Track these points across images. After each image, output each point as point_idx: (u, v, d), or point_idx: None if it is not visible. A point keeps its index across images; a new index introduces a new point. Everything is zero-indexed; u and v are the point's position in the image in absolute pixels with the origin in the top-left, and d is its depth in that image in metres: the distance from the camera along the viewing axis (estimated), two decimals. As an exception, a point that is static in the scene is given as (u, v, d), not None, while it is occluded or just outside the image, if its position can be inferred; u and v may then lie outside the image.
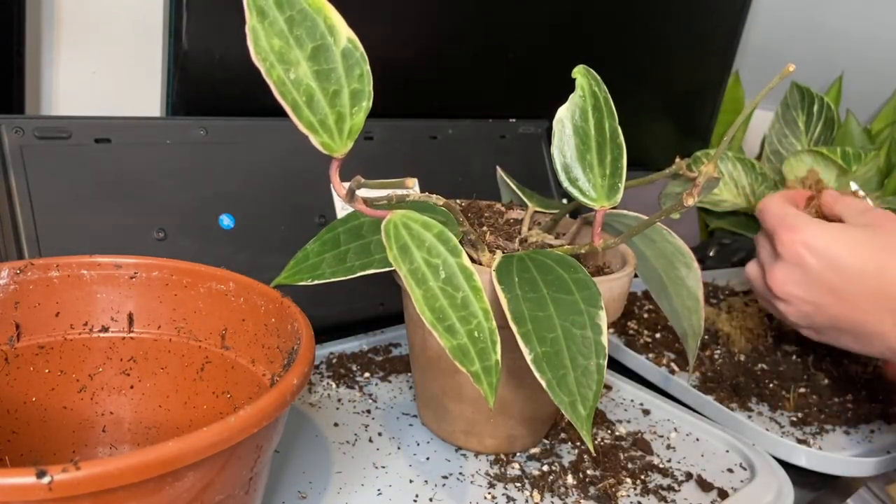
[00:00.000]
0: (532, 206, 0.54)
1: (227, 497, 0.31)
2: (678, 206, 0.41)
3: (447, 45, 0.73)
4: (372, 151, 0.66)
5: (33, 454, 0.40)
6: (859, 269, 0.52)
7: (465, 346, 0.36)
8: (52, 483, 0.24)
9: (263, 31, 0.33)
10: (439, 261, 0.37)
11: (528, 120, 0.78)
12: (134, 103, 0.67)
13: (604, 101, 0.44)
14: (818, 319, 0.55)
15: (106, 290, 0.42)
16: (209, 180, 0.56)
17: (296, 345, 0.36)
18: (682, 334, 0.55)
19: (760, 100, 0.39)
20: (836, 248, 0.53)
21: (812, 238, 0.54)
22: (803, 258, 0.54)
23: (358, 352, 0.60)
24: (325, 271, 0.42)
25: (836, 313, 0.54)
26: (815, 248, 0.54)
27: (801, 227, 0.55)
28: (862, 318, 0.53)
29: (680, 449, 0.53)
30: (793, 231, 0.55)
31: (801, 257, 0.54)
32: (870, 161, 0.74)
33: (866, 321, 0.53)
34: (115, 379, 0.42)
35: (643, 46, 0.89)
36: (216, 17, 0.58)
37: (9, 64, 0.55)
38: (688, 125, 1.00)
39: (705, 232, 1.09)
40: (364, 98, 0.35)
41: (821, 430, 0.58)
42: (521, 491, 0.46)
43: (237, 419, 0.28)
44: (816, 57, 1.02)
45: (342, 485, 0.45)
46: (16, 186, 0.49)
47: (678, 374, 0.63)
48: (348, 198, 0.38)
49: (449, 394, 0.48)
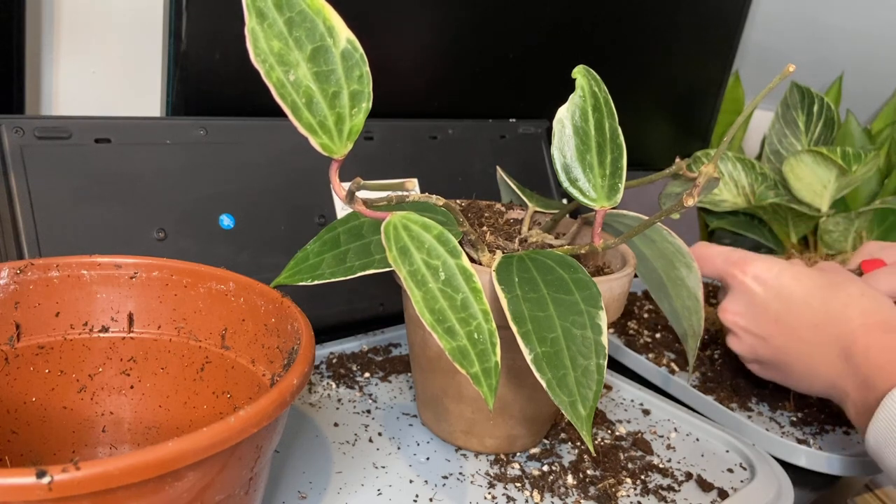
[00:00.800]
0: (532, 206, 0.54)
1: (227, 497, 0.31)
2: (678, 206, 0.41)
3: (447, 46, 0.73)
4: (372, 151, 0.66)
5: (33, 454, 0.40)
6: (805, 301, 0.53)
7: (464, 348, 0.36)
8: (52, 483, 0.24)
9: (263, 32, 0.33)
10: (439, 262, 0.37)
11: (528, 120, 0.78)
12: (134, 103, 0.67)
13: (604, 101, 0.44)
14: (763, 352, 0.56)
15: (106, 290, 0.42)
16: (209, 180, 0.56)
17: (296, 345, 0.36)
18: (682, 334, 0.55)
19: (760, 100, 0.39)
20: (783, 278, 0.54)
21: (761, 269, 0.55)
22: (751, 288, 0.55)
23: (358, 352, 0.60)
24: (325, 271, 0.42)
25: (781, 345, 0.54)
26: (764, 279, 0.55)
27: (749, 261, 0.56)
28: (805, 349, 0.53)
29: (680, 449, 0.53)
30: (741, 264, 0.56)
31: (749, 288, 0.55)
32: (870, 161, 0.74)
33: (809, 353, 0.53)
34: (115, 379, 0.42)
35: (643, 46, 0.89)
36: (216, 17, 0.58)
37: (9, 64, 0.55)
38: (688, 125, 1.00)
39: (705, 232, 1.09)
40: (364, 99, 0.35)
41: (821, 430, 0.58)
42: (521, 491, 0.46)
43: (237, 419, 0.28)
44: (816, 57, 1.02)
45: (342, 485, 0.45)
46: (16, 186, 0.49)
47: (678, 374, 0.64)
48: (348, 199, 0.38)
49: (449, 394, 0.48)
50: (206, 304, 0.42)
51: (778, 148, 0.86)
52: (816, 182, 0.77)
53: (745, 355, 0.57)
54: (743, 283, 0.56)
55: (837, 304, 0.51)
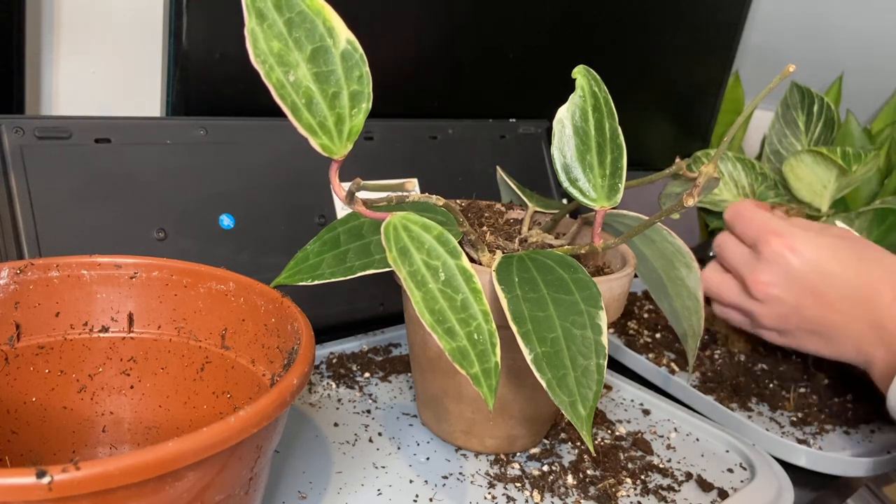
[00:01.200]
0: (532, 206, 0.54)
1: (227, 497, 0.31)
2: (678, 206, 0.41)
3: (447, 45, 0.73)
4: (372, 151, 0.66)
5: (33, 454, 0.40)
6: (840, 273, 0.56)
7: (464, 349, 0.36)
8: (52, 483, 0.24)
9: (262, 33, 0.33)
10: (439, 263, 0.37)
11: (528, 120, 0.78)
12: (134, 103, 0.67)
13: (604, 101, 0.44)
14: (791, 321, 0.58)
15: (106, 290, 0.42)
16: (209, 180, 0.56)
17: (296, 345, 0.36)
18: (682, 334, 0.55)
19: (760, 100, 0.39)
20: (820, 252, 0.56)
21: (799, 242, 0.57)
22: (789, 261, 0.57)
23: (358, 352, 0.60)
24: (325, 271, 0.42)
25: (813, 315, 0.57)
26: (802, 252, 0.57)
27: (787, 232, 0.58)
28: (838, 319, 0.56)
29: (680, 449, 0.53)
30: (780, 235, 0.58)
31: (787, 260, 0.57)
32: (870, 161, 0.74)
33: (842, 323, 0.55)
34: (115, 379, 0.42)
35: (643, 46, 0.89)
36: (216, 17, 0.58)
37: (9, 64, 0.55)
38: (688, 125, 1.00)
39: (705, 232, 1.09)
40: (363, 100, 0.35)
41: (821, 430, 0.58)
42: (521, 491, 0.46)
43: (237, 419, 0.28)
44: (816, 57, 1.02)
45: (342, 485, 0.45)
46: (16, 186, 0.49)
47: (678, 374, 0.64)
48: (348, 200, 0.38)
49: (449, 394, 0.48)
50: (206, 304, 0.42)
51: (778, 148, 0.86)
52: (816, 182, 0.77)
53: (768, 324, 0.59)
54: (781, 253, 0.57)
55: (872, 278, 0.55)
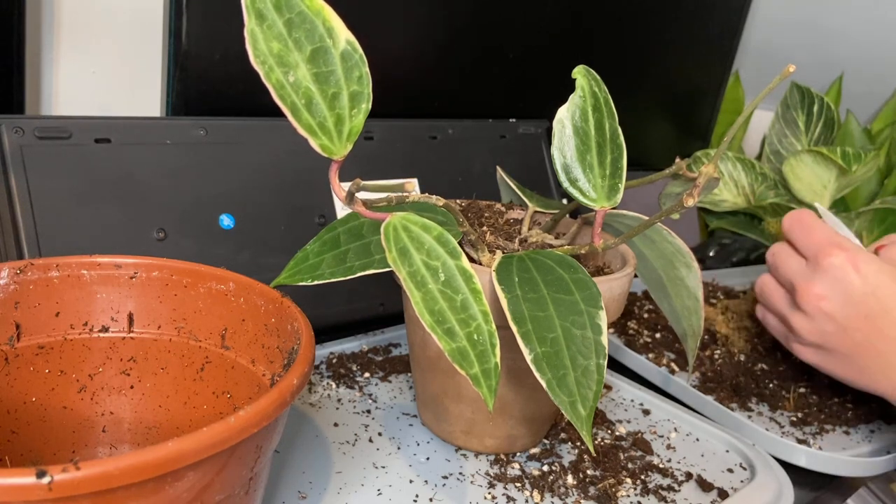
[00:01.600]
0: (532, 206, 0.54)
1: (227, 497, 0.31)
2: (678, 206, 0.41)
3: (447, 46, 0.73)
4: (372, 151, 0.66)
5: (33, 454, 0.40)
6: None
7: (464, 349, 0.36)
8: (52, 483, 0.24)
9: (262, 34, 0.33)
10: (438, 263, 0.37)
11: (528, 120, 0.78)
12: (134, 103, 0.67)
13: (604, 101, 0.44)
14: (833, 341, 0.55)
15: (106, 290, 0.42)
16: (209, 180, 0.56)
17: (296, 345, 0.36)
18: (682, 334, 0.55)
19: (760, 100, 0.39)
20: (883, 276, 0.53)
21: (864, 262, 0.54)
22: (850, 278, 0.54)
23: (358, 352, 0.60)
24: (325, 272, 0.42)
25: (861, 340, 0.54)
26: (865, 272, 0.53)
27: (853, 248, 0.55)
28: (884, 349, 0.53)
29: (680, 449, 0.53)
30: (846, 250, 0.54)
31: (848, 276, 0.54)
32: (870, 161, 0.74)
33: (887, 354, 0.53)
34: (115, 379, 0.42)
35: (643, 46, 0.89)
36: (216, 17, 0.58)
37: (9, 64, 0.55)
38: (688, 125, 1.00)
39: (705, 232, 1.09)
40: (363, 100, 0.35)
41: (821, 430, 0.58)
42: (521, 491, 0.46)
43: (237, 419, 0.28)
44: (816, 57, 1.02)
45: (342, 485, 0.45)
46: (16, 186, 0.49)
47: (678, 374, 0.64)
48: (347, 200, 0.38)
49: (449, 394, 0.48)
50: (206, 304, 0.42)
51: (778, 148, 0.86)
52: (816, 182, 0.77)
53: (806, 337, 0.56)
54: (843, 268, 0.54)
55: None
